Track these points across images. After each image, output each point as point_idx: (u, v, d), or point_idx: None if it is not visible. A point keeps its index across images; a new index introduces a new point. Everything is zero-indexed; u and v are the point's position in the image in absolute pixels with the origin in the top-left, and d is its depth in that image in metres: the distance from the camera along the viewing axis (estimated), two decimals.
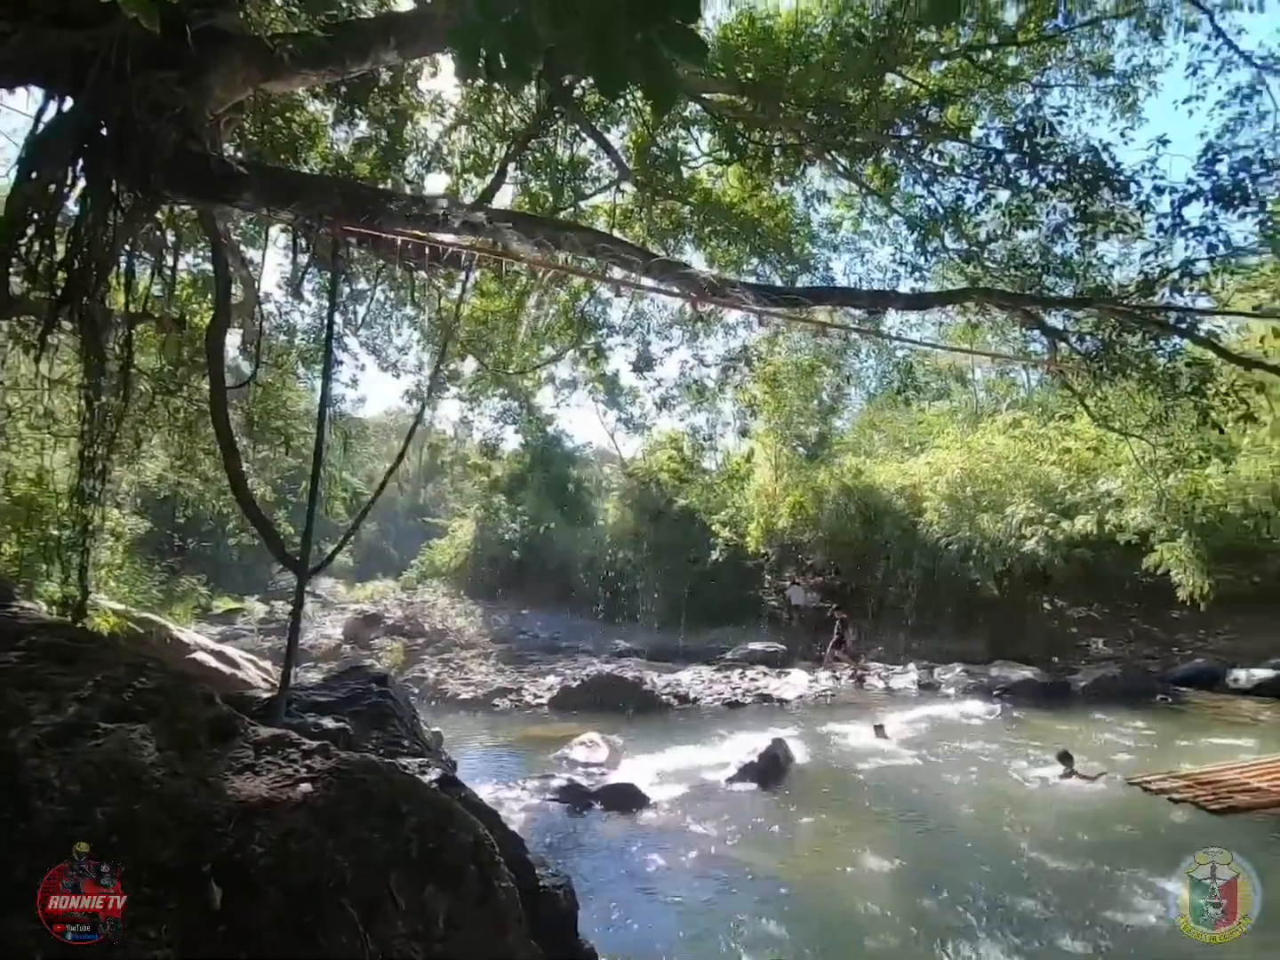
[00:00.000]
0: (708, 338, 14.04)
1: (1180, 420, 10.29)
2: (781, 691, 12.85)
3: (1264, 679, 12.26)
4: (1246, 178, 7.47)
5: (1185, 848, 5.88)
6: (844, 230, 12.43)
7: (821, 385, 19.36)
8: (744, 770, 7.76)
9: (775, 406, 19.58)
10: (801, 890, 5.24)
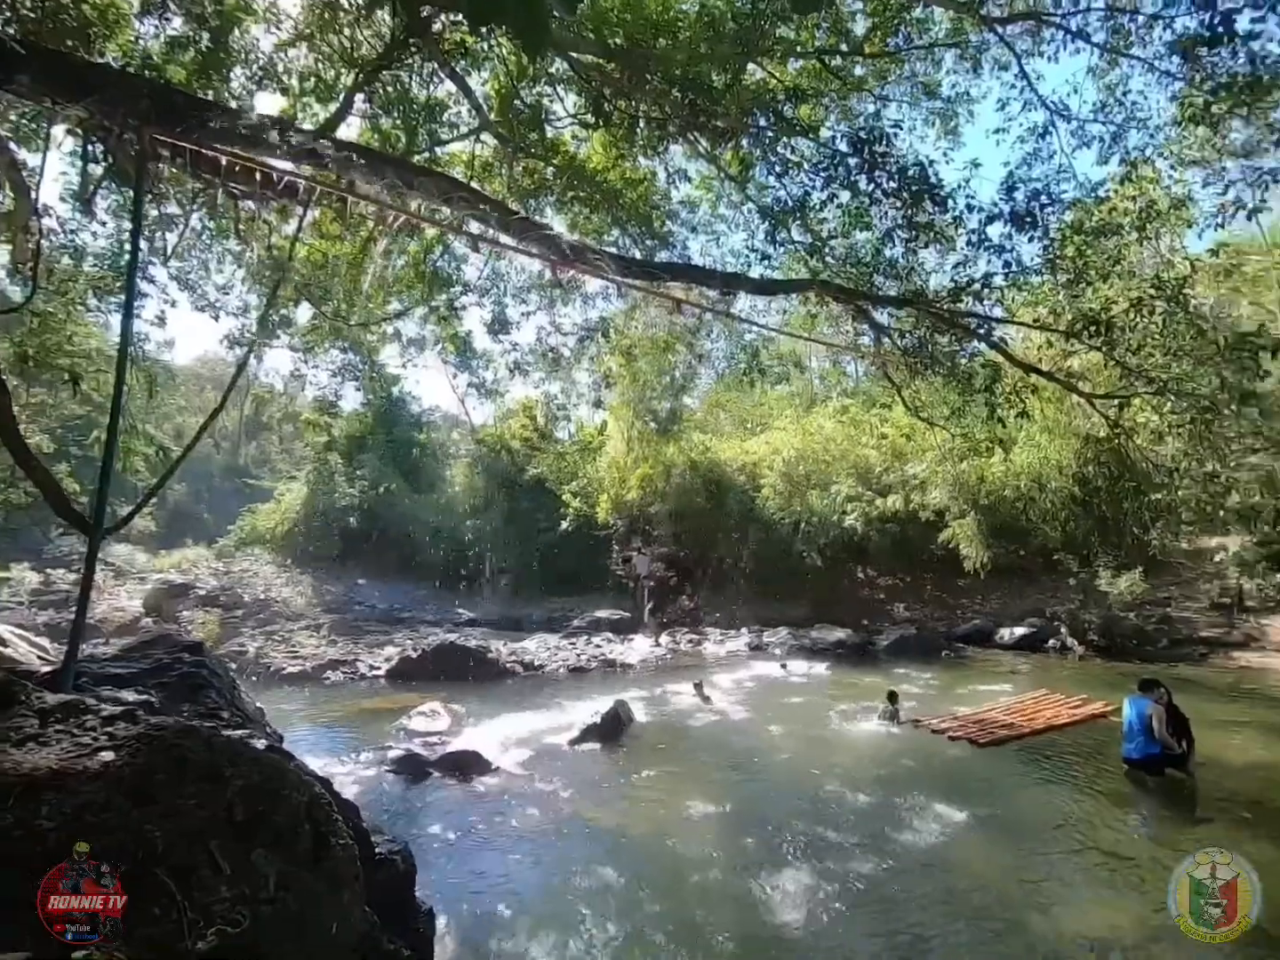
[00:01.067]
0: (566, 305, 13.92)
1: (974, 414, 11.83)
2: (625, 657, 13.31)
3: (1021, 635, 14.64)
4: (1036, 206, 8.61)
5: (958, 776, 6.96)
6: (702, 212, 12.82)
7: (675, 362, 19.93)
8: (587, 731, 7.98)
9: (630, 380, 19.93)
10: (639, 838, 5.53)
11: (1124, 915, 4.42)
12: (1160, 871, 4.94)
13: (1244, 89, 6.47)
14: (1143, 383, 9.22)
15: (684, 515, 21.23)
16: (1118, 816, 6.02)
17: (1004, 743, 7.92)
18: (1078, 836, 5.58)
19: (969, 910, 4.47)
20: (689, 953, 3.93)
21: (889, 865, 5.02)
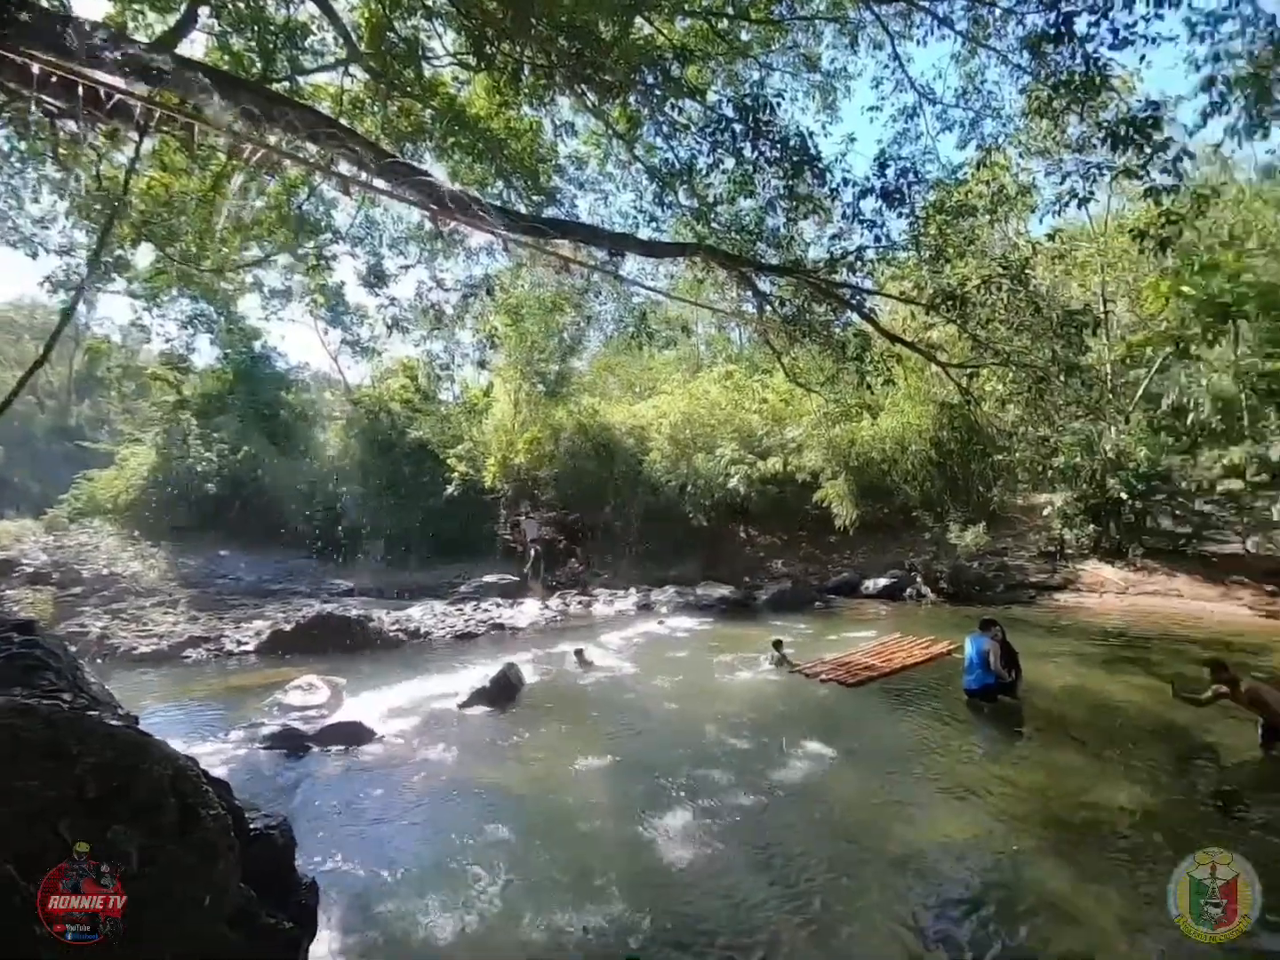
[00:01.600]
0: (448, 260, 13.31)
1: (846, 381, 12.58)
2: (514, 620, 13.26)
3: (883, 585, 15.97)
4: (905, 184, 9.13)
5: (827, 715, 7.56)
6: (590, 169, 12.56)
7: (563, 324, 19.67)
8: (475, 695, 7.93)
9: (516, 341, 19.47)
10: (528, 794, 5.62)
11: (966, 821, 5.05)
12: (993, 781, 5.69)
13: (1079, 87, 7.13)
14: (990, 354, 10.18)
15: (573, 478, 21.23)
16: (960, 739, 6.81)
17: (867, 682, 8.69)
18: (928, 760, 6.28)
19: (837, 832, 4.94)
20: (578, 894, 4.09)
21: (766, 799, 5.42)
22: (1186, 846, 4.64)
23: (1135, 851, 4.60)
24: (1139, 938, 3.72)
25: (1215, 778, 5.89)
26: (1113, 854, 4.57)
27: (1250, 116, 7.30)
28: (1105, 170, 8.03)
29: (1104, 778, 5.75)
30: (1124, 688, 8.19)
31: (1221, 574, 14.50)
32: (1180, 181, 7.20)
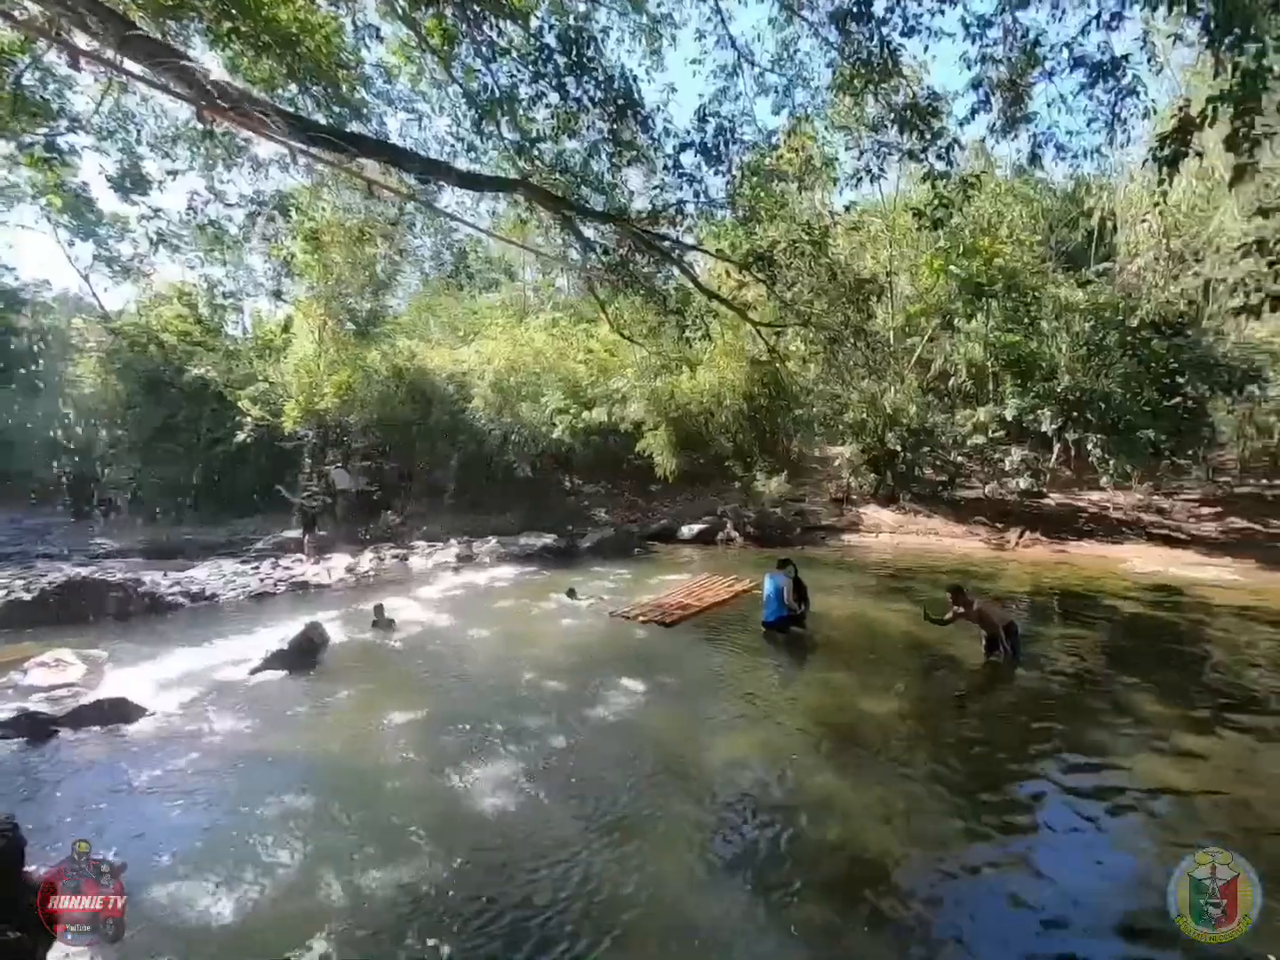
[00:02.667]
0: (230, 169, 11.50)
1: (668, 334, 12.94)
2: (320, 577, 12.31)
3: (698, 531, 17.01)
4: (723, 142, 9.35)
5: (641, 654, 7.93)
6: (401, 86, 11.40)
7: (375, 256, 18.02)
8: (271, 659, 7.28)
9: (320, 272, 17.56)
10: (330, 758, 5.32)
11: (757, 738, 5.61)
12: (782, 702, 6.37)
13: (876, 68, 7.69)
14: (794, 315, 11.02)
15: (388, 426, 19.87)
16: (756, 667, 7.52)
17: (682, 620, 9.25)
18: (729, 687, 6.86)
19: (644, 761, 5.25)
20: (383, 853, 3.97)
21: (579, 738, 5.61)
22: (929, 742, 5.57)
23: (889, 750, 5.42)
24: (889, 821, 4.40)
25: (952, 683, 7.08)
26: (872, 754, 5.34)
27: (1005, 117, 8.37)
28: (894, 150, 8.84)
29: (869, 691, 6.67)
30: (890, 614, 9.52)
31: (967, 515, 17.25)
32: (951, 168, 8.12)
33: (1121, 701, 6.40)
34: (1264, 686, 6.82)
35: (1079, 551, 14.65)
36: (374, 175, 9.99)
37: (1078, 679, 7.04)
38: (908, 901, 3.66)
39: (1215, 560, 13.18)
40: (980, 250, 16.67)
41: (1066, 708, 6.29)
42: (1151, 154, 5.52)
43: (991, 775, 5.11)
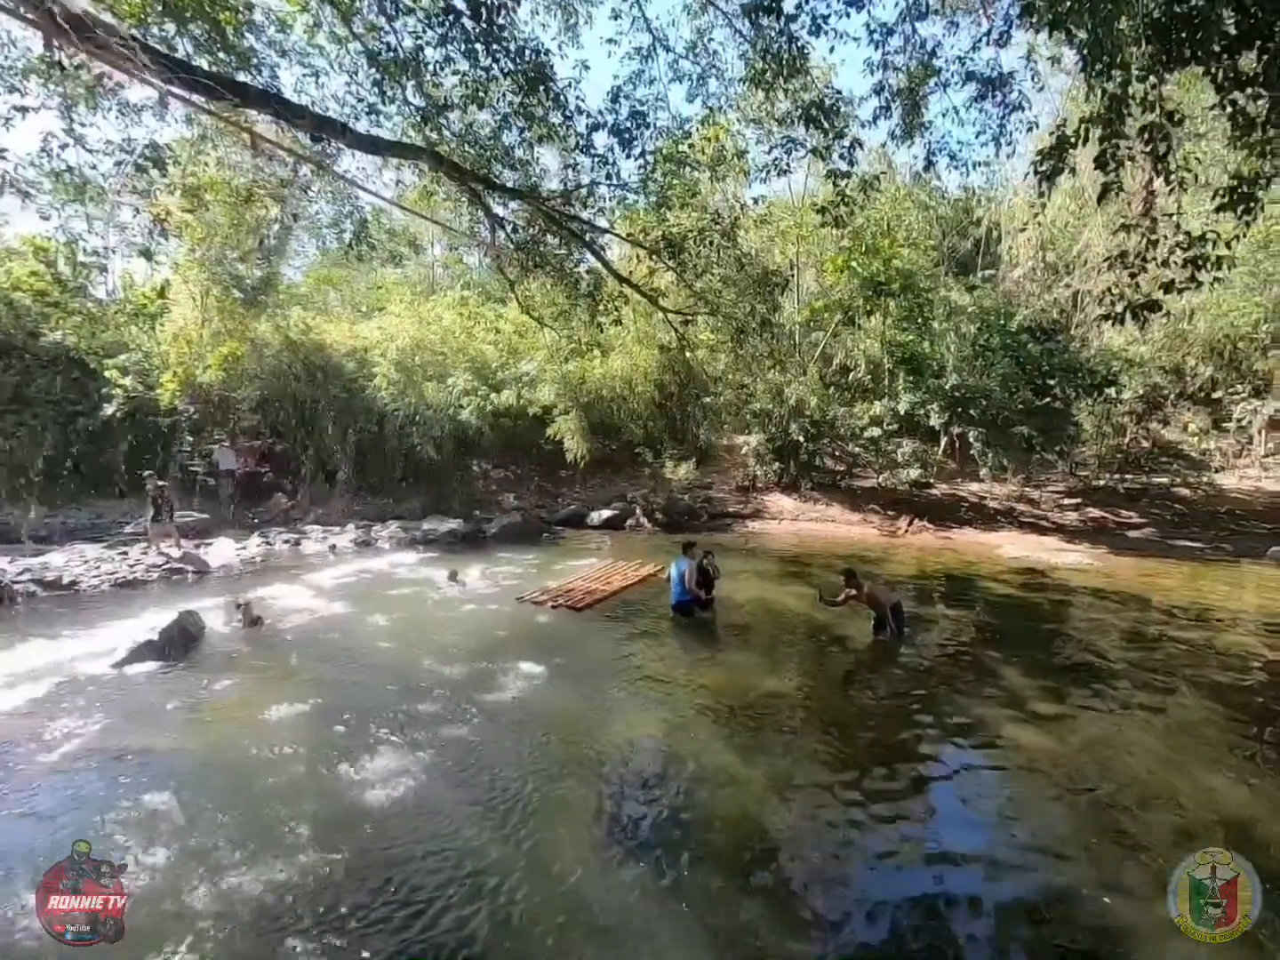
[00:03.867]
0: (92, 111, 10.35)
1: (579, 318, 12.80)
2: (198, 564, 11.43)
3: (607, 516, 17.03)
4: (635, 125, 9.29)
5: (544, 638, 7.85)
6: (296, 35, 10.61)
7: (266, 219, 16.76)
8: (139, 651, 6.71)
9: (203, 233, 16.18)
10: (202, 756, 4.96)
11: (658, 718, 5.68)
12: (684, 683, 6.48)
13: (785, 63, 7.86)
14: (703, 305, 11.17)
15: (281, 402, 18.61)
16: (659, 650, 7.62)
17: (590, 605, 9.23)
18: (631, 669, 6.91)
19: (543, 744, 5.21)
20: (260, 852, 3.74)
21: (478, 726, 5.50)
22: (821, 717, 5.83)
23: (785, 726, 5.63)
24: (783, 792, 4.57)
25: (844, 661, 7.44)
26: (769, 730, 5.54)
27: (905, 123, 8.77)
28: (801, 147, 9.08)
29: (767, 671, 6.91)
30: (790, 597, 9.88)
31: (862, 503, 18.17)
32: (853, 168, 8.43)
33: (992, 674, 6.94)
34: (1113, 658, 7.58)
35: (960, 538, 15.76)
36: (265, 132, 9.27)
37: (955, 655, 7.57)
38: (799, 868, 3.82)
39: (1075, 546, 14.52)
40: (880, 251, 17.49)
41: (944, 681, 6.75)
42: (1033, 168, 5.92)
43: (878, 746, 5.41)
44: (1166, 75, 5.73)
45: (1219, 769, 4.99)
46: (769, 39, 8.41)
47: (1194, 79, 5.86)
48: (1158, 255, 6.48)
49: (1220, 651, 7.78)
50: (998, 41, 8.34)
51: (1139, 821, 4.31)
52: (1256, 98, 5.29)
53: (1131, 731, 5.67)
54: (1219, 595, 10.58)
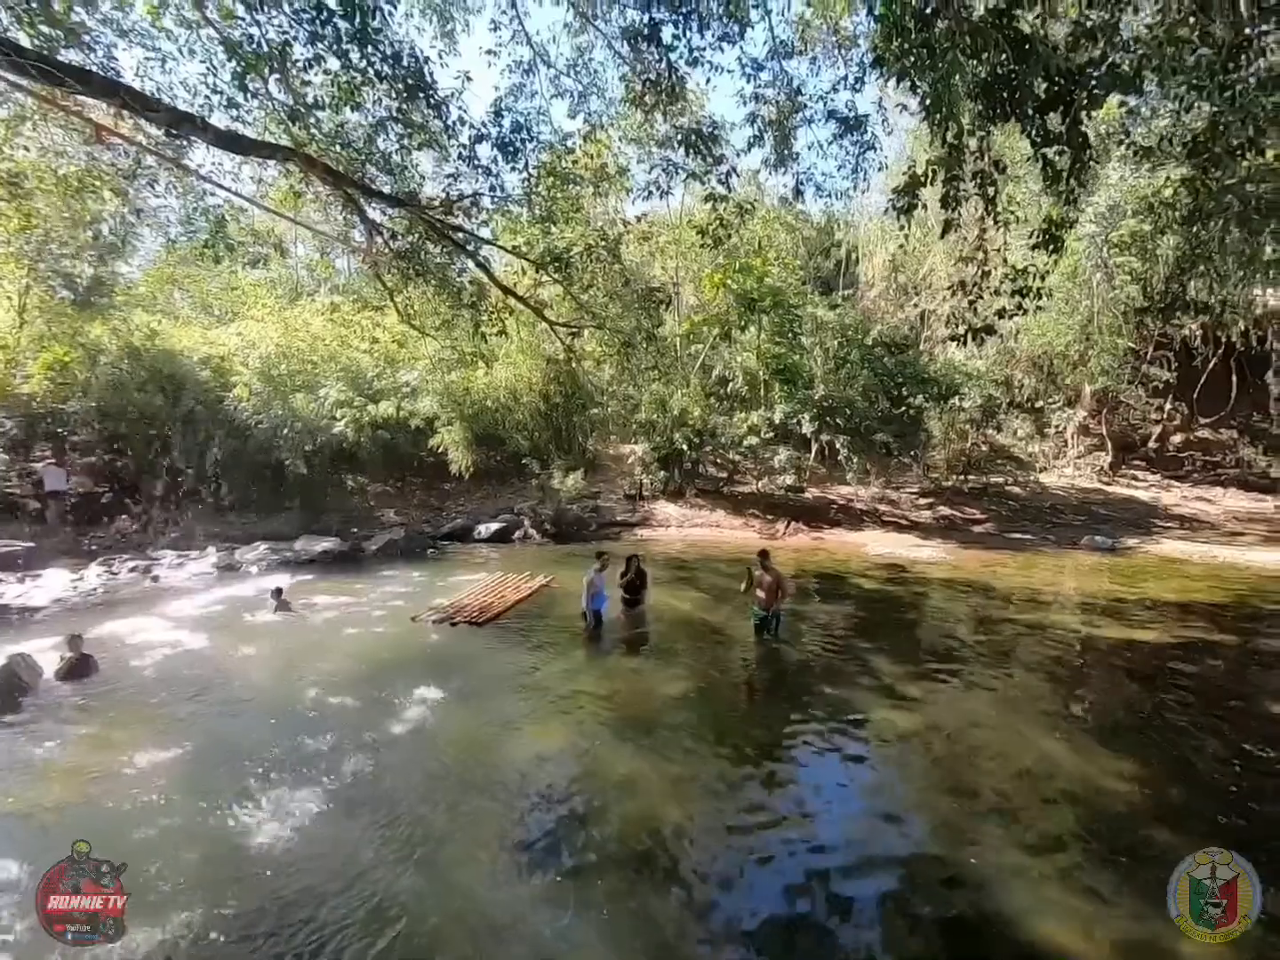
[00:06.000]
0: None
1: (462, 328, 12.56)
2: (28, 598, 10.09)
3: (495, 529, 16.73)
4: (519, 139, 9.32)
5: (437, 658, 7.65)
6: (138, 17, 9.72)
7: (102, 213, 15.09)
8: None
9: (21, 223, 14.28)
10: (62, 814, 4.44)
11: (557, 732, 5.73)
12: (581, 695, 6.54)
13: (664, 89, 8.20)
14: (589, 317, 11.33)
15: (121, 415, 16.71)
16: (559, 662, 7.62)
17: (491, 620, 9.07)
18: (526, 684, 6.89)
19: (444, 768, 5.11)
20: (138, 909, 3.42)
21: (373, 754, 5.29)
22: (714, 717, 6.11)
23: (680, 728, 5.86)
24: (680, 792, 4.76)
25: (732, 662, 7.81)
26: (666, 734, 5.74)
27: (776, 153, 9.40)
28: (680, 170, 9.48)
29: (663, 676, 7.13)
30: (678, 601, 10.21)
31: (743, 508, 19.04)
32: (730, 193, 8.92)
33: (863, 663, 7.56)
34: (963, 641, 8.49)
35: (831, 538, 16.91)
36: (103, 119, 8.39)
37: (830, 649, 8.17)
38: (698, 864, 4.02)
39: (929, 542, 16.01)
40: (753, 269, 18.48)
41: (822, 674, 7.28)
42: (890, 204, 6.57)
43: (769, 740, 5.76)
44: (992, 128, 6.58)
45: (1052, 732, 5.76)
46: (648, 65, 8.76)
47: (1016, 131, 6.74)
48: (990, 285, 7.41)
49: (1047, 629, 8.93)
50: (853, 86, 9.16)
51: (989, 781, 4.90)
52: (1061, 153, 6.20)
53: (980, 705, 6.40)
54: (1045, 580, 12.11)
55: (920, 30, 5.78)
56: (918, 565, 13.48)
